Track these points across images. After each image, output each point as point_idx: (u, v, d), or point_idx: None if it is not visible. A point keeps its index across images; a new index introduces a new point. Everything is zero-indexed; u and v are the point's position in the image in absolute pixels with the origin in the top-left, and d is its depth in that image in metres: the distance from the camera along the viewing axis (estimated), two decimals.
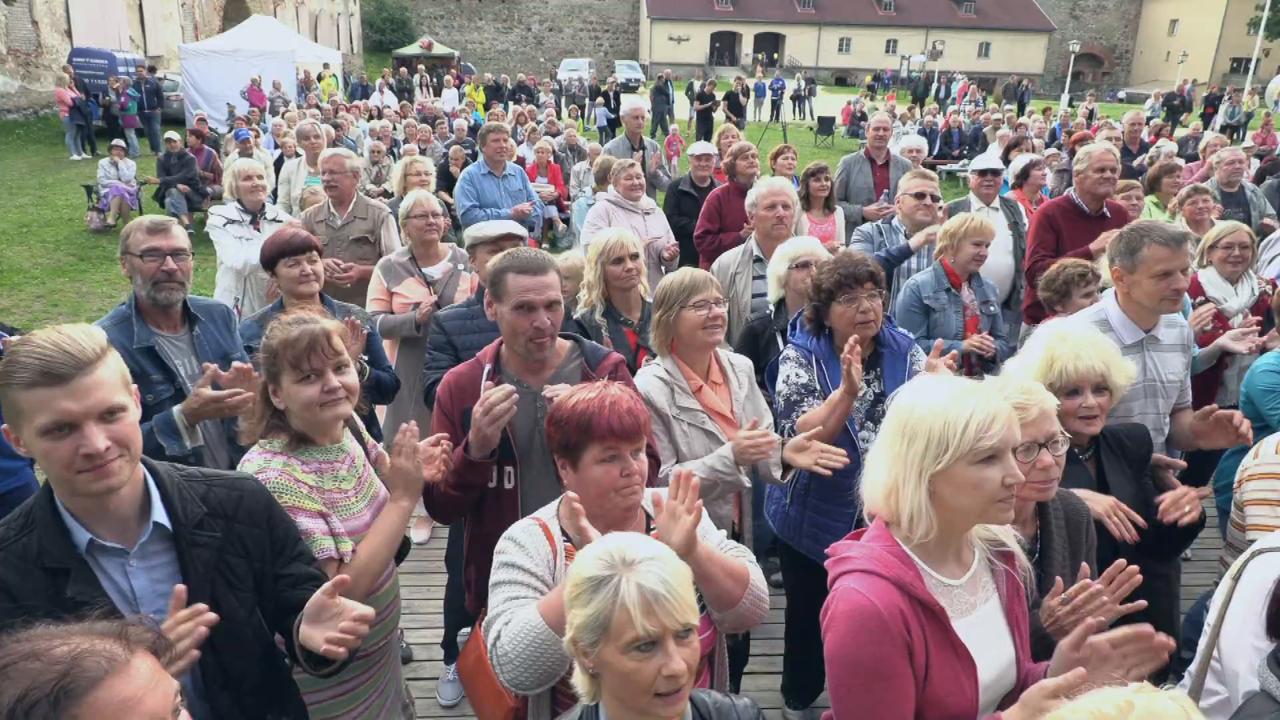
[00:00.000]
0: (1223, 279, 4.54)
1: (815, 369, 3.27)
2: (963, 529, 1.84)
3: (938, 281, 4.48)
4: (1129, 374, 2.75)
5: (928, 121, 21.62)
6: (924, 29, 55.74)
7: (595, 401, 2.09)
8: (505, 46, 57.10)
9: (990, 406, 1.73)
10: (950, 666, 1.75)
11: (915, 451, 1.74)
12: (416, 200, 4.72)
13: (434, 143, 13.66)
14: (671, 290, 3.07)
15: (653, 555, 1.60)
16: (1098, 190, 5.26)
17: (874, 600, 1.72)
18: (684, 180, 7.22)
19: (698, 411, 3.03)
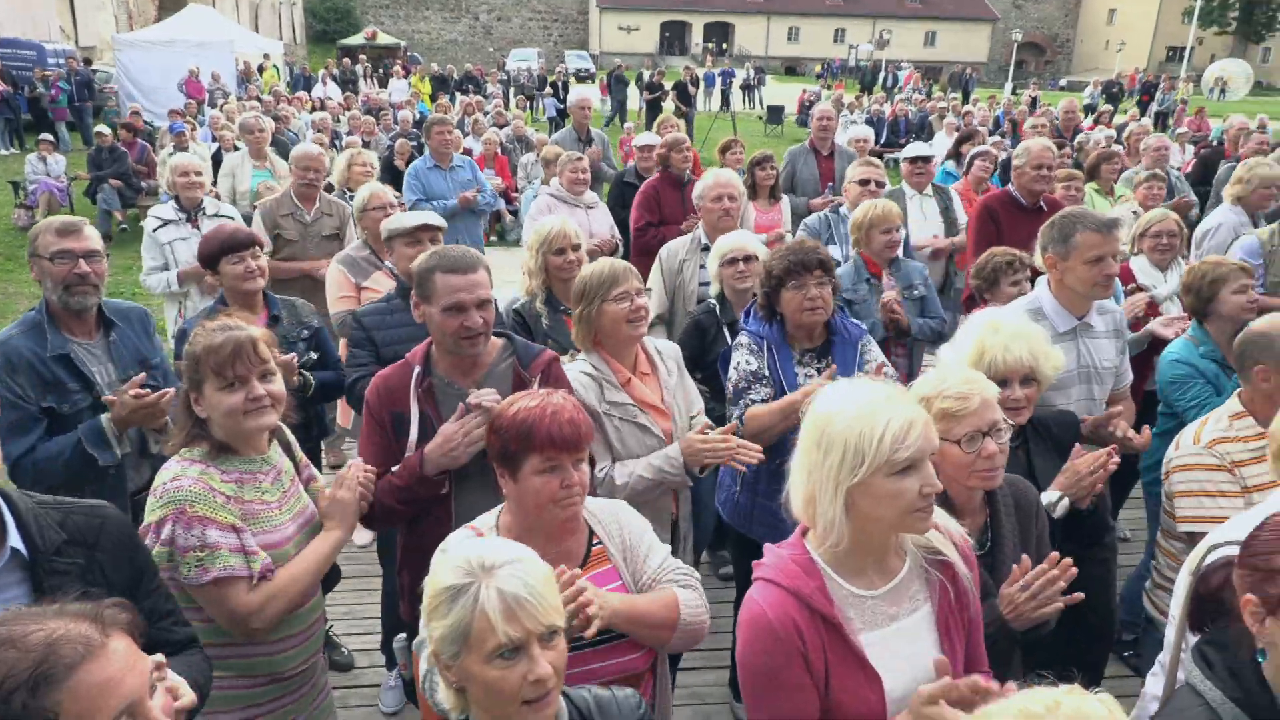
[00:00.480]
0: (1153, 266, 4.62)
1: (766, 355, 3.26)
2: (881, 539, 1.80)
3: (857, 274, 4.47)
4: (1056, 364, 2.77)
5: (875, 110, 21.80)
6: (871, 18, 56.24)
7: (536, 410, 2.03)
8: (453, 36, 56.37)
9: (906, 416, 1.68)
10: (853, 679, 1.72)
11: (831, 464, 1.69)
12: (373, 193, 4.62)
13: (378, 135, 13.44)
14: (591, 284, 2.98)
15: (513, 558, 1.56)
16: (1034, 187, 5.36)
17: (766, 610, 1.71)
18: (629, 171, 7.17)
19: (628, 405, 2.98)
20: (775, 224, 6.19)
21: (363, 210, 4.61)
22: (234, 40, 23.13)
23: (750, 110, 30.94)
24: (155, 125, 16.83)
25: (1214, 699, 1.64)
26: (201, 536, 2.15)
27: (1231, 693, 1.63)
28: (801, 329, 3.27)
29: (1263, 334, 2.85)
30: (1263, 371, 2.76)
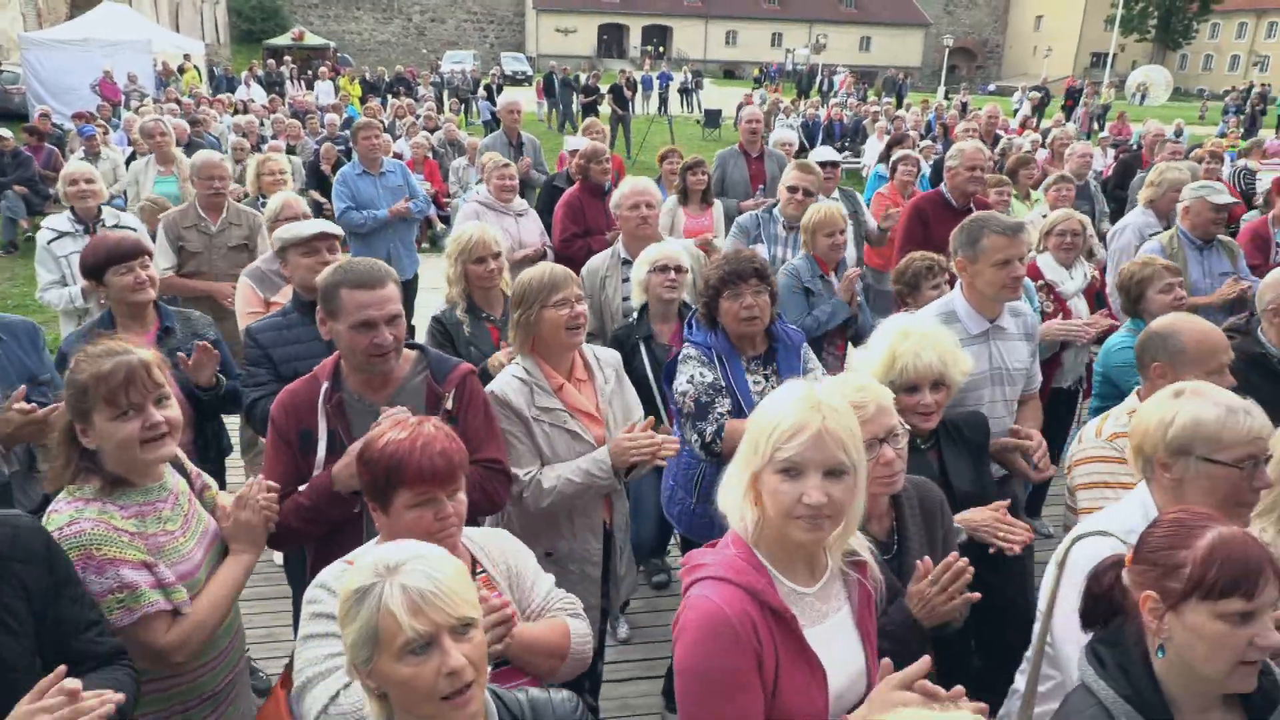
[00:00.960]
0: (1058, 264, 4.77)
1: (718, 366, 3.25)
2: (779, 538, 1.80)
3: (812, 269, 4.59)
4: (965, 369, 2.82)
5: (810, 115, 22.06)
6: (808, 23, 57.05)
7: (406, 443, 1.95)
8: (385, 37, 55.51)
9: (799, 419, 1.66)
10: (801, 676, 1.72)
11: (745, 448, 1.73)
12: (285, 202, 4.45)
13: (304, 139, 13.11)
14: (531, 289, 2.96)
15: (419, 554, 1.53)
16: (967, 188, 5.44)
17: (724, 607, 1.67)
18: (559, 176, 7.08)
19: (559, 411, 2.96)
20: (707, 228, 6.19)
21: (274, 220, 4.44)
22: (151, 40, 22.35)
23: (689, 114, 31.05)
24: (66, 128, 16.19)
25: (1106, 698, 1.67)
26: (117, 578, 2.05)
27: (1123, 691, 1.66)
28: (743, 338, 3.28)
29: (1158, 333, 2.92)
30: (1159, 368, 2.83)
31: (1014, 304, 3.50)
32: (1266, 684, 1.67)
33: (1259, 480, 2.05)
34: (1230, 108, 29.15)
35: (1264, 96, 28.77)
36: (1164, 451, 2.10)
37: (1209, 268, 4.89)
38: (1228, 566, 1.56)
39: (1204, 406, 2.08)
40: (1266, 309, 3.43)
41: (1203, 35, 59.95)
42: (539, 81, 27.87)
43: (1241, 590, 1.55)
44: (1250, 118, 27.00)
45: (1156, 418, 2.13)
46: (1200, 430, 2.05)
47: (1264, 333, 3.44)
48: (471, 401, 2.68)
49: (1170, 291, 3.80)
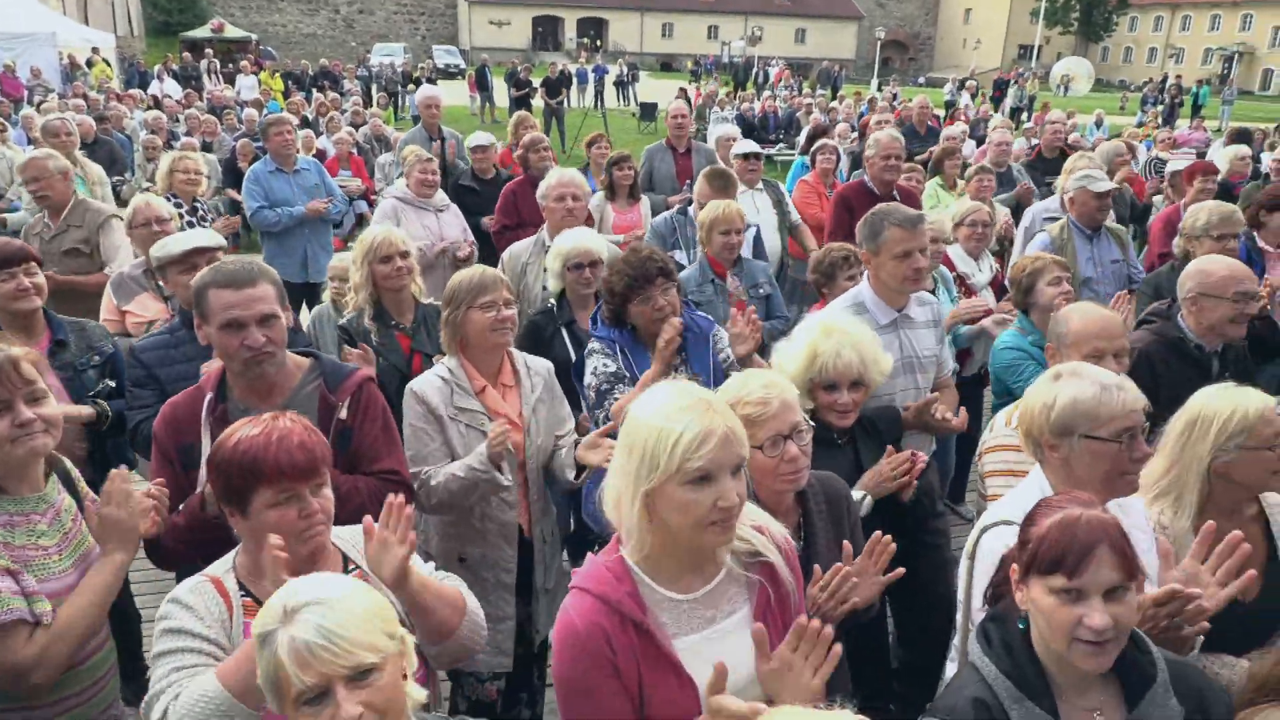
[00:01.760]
0: (968, 255, 4.84)
1: (621, 358, 3.23)
2: (687, 545, 1.75)
3: (702, 274, 4.49)
4: (884, 369, 2.86)
5: (745, 108, 22.13)
6: (744, 15, 57.42)
7: (260, 439, 1.87)
8: (311, 30, 54.34)
9: (703, 425, 1.63)
10: (666, 685, 1.69)
11: (631, 465, 1.66)
12: (136, 207, 4.22)
13: (221, 135, 12.70)
14: (460, 289, 2.97)
15: (317, 600, 1.48)
16: (885, 177, 5.56)
17: (575, 619, 1.69)
18: (464, 174, 6.94)
19: (477, 412, 2.92)
20: (635, 224, 6.15)
21: (131, 226, 4.23)
22: (56, 32, 21.56)
23: (624, 107, 30.98)
24: None
25: (989, 674, 1.72)
26: None
27: (1004, 667, 1.71)
28: (652, 337, 3.22)
29: (1055, 318, 3.08)
30: (1049, 349, 2.96)
31: (921, 294, 3.56)
32: (1144, 663, 1.70)
33: (1137, 451, 2.12)
34: (1147, 98, 30.15)
35: (1180, 87, 29.78)
36: (1049, 433, 2.17)
37: (1098, 255, 4.98)
38: (1053, 544, 1.64)
39: (1081, 386, 2.14)
40: (1185, 297, 3.50)
41: (1122, 28, 62.03)
42: (471, 75, 27.51)
43: (1064, 568, 1.62)
44: (1169, 108, 27.95)
45: (1040, 401, 2.19)
46: (1079, 409, 2.12)
47: (1183, 319, 3.52)
48: (368, 410, 2.58)
49: (1058, 284, 3.85)
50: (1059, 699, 1.69)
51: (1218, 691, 1.78)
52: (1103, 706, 1.69)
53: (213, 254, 3.45)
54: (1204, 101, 29.09)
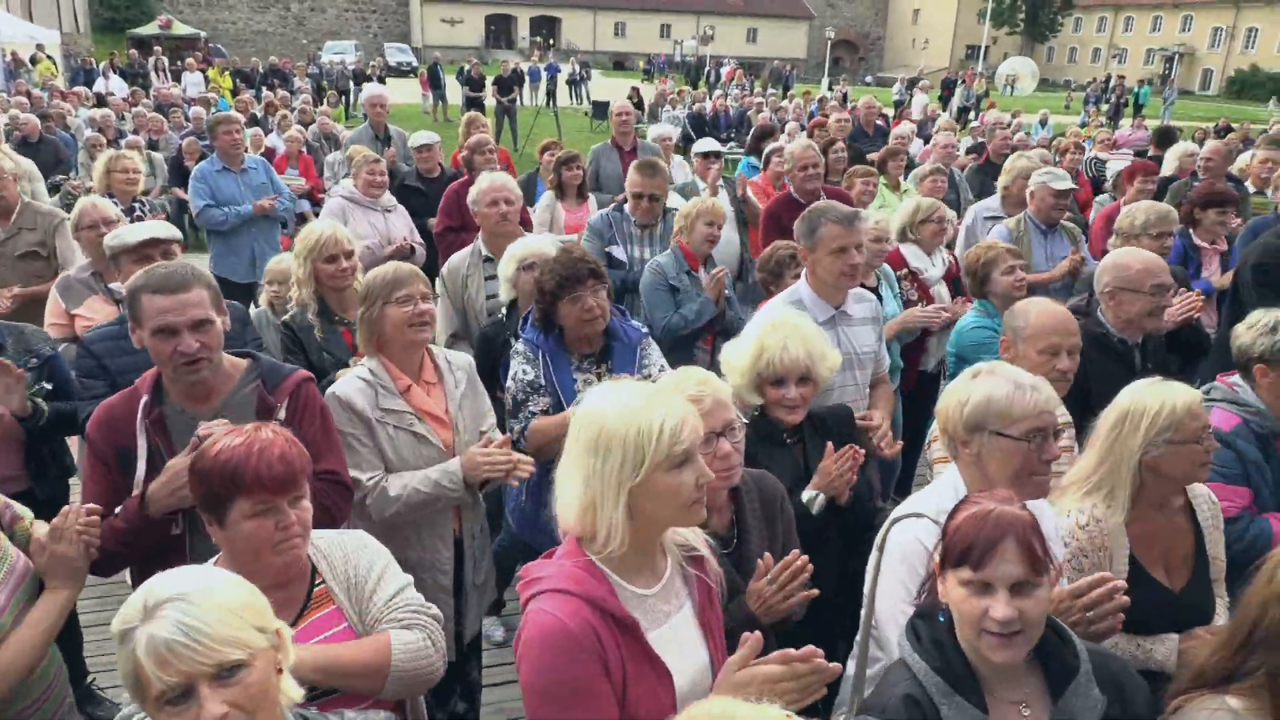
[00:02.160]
0: (923, 252, 4.91)
1: (541, 364, 3.21)
2: (657, 536, 1.81)
3: (678, 264, 4.54)
4: (832, 365, 2.86)
5: (697, 107, 22.24)
6: (696, 14, 57.55)
7: (242, 449, 1.86)
8: (262, 27, 53.31)
9: (679, 409, 1.71)
10: (647, 680, 1.71)
11: (612, 467, 1.66)
12: (83, 209, 4.15)
13: (168, 134, 12.46)
14: (374, 286, 2.91)
15: (179, 595, 1.43)
16: (806, 186, 5.62)
17: (565, 620, 1.65)
18: (409, 174, 6.89)
19: (405, 413, 2.89)
20: (584, 223, 6.13)
21: (78, 228, 4.16)
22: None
23: (577, 105, 30.93)
24: None
25: (919, 670, 1.74)
26: None
27: (934, 663, 1.73)
28: (580, 340, 3.25)
29: (1013, 310, 3.13)
30: (1005, 342, 3.01)
31: (859, 290, 3.62)
32: (1067, 655, 1.75)
33: (1047, 452, 2.14)
34: (1090, 98, 30.87)
35: (1123, 87, 30.54)
36: (962, 429, 2.20)
37: (1051, 251, 5.13)
38: (960, 537, 1.69)
39: (995, 385, 2.17)
40: (1103, 291, 3.57)
41: (1067, 29, 63.35)
42: (423, 73, 27.27)
43: (970, 560, 1.66)
44: (1114, 108, 28.64)
45: (956, 398, 2.22)
46: (991, 407, 2.15)
47: (1103, 313, 3.58)
48: (307, 411, 2.56)
49: (1012, 273, 3.96)
50: (987, 693, 1.72)
51: (1137, 681, 1.83)
52: (1028, 699, 1.73)
53: (168, 246, 3.43)
54: (1145, 101, 29.82)
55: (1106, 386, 2.53)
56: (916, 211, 4.99)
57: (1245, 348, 2.91)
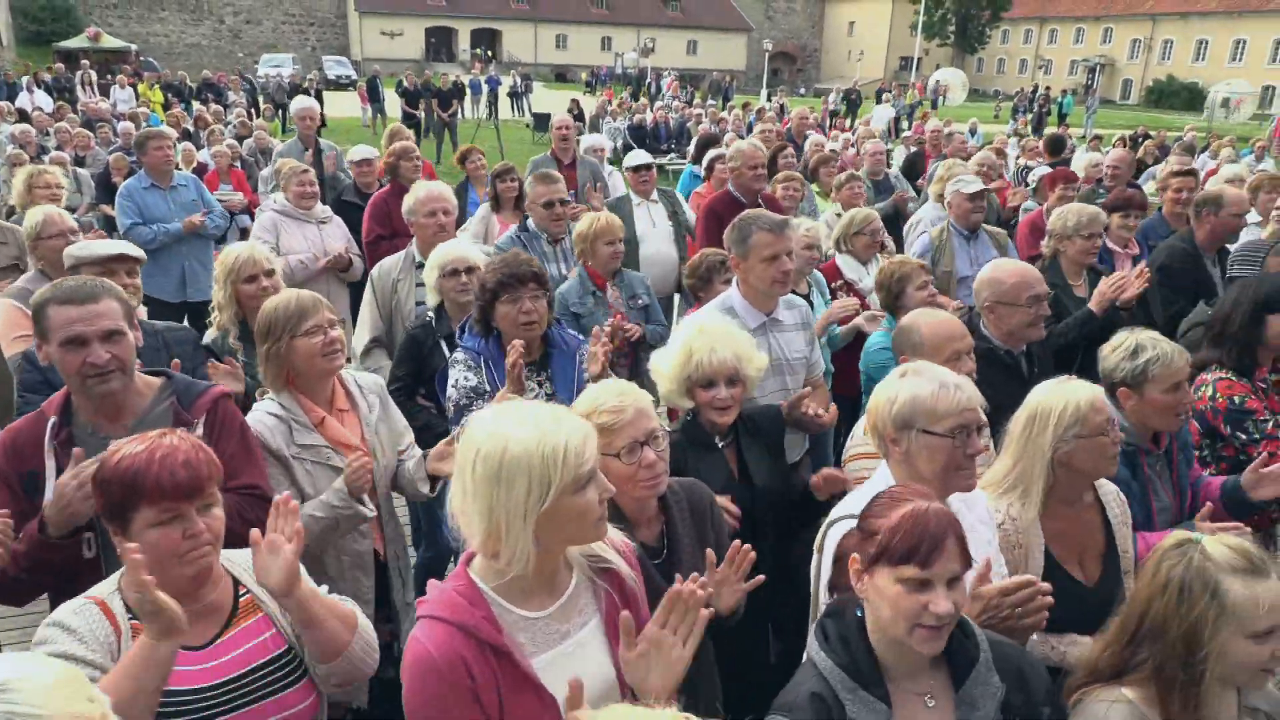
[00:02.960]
0: (859, 262, 4.99)
1: (484, 370, 3.20)
2: (559, 556, 1.79)
3: (583, 286, 4.49)
4: (759, 365, 2.90)
5: (637, 119, 22.39)
6: (636, 27, 57.93)
7: (144, 456, 1.82)
8: (195, 40, 52.26)
9: (579, 428, 1.69)
10: (528, 706, 1.68)
11: (517, 495, 1.63)
12: (47, 217, 4.04)
13: (95, 149, 12.13)
14: (277, 320, 2.78)
15: (2, 686, 1.26)
16: (752, 186, 5.64)
17: (431, 649, 1.64)
18: (347, 189, 6.83)
19: (321, 447, 2.81)
20: None
21: (35, 238, 4.06)
22: None
23: (519, 118, 30.90)
24: None
25: (825, 667, 1.76)
26: None
27: (840, 660, 1.76)
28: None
29: (903, 328, 3.13)
30: (905, 360, 2.94)
31: (789, 297, 3.66)
32: (969, 646, 1.80)
33: (971, 447, 2.20)
34: (1018, 107, 31.79)
35: (1048, 97, 31.53)
36: (891, 427, 2.25)
37: (977, 256, 5.24)
38: (908, 536, 1.69)
39: (921, 384, 2.23)
40: (984, 306, 3.60)
41: (995, 41, 65.14)
42: (361, 86, 26.99)
43: (917, 559, 1.68)
44: (1038, 117, 29.53)
45: (884, 397, 2.28)
46: (918, 405, 2.20)
47: (985, 326, 3.61)
48: (225, 427, 2.53)
49: (925, 289, 4.00)
50: (892, 686, 1.75)
51: (1037, 667, 1.89)
52: (932, 689, 1.77)
53: (133, 264, 3.41)
54: (1069, 110, 30.81)
55: (999, 396, 2.58)
56: (851, 224, 5.07)
57: (1109, 371, 2.94)
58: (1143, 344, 2.87)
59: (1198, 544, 1.86)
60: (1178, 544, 1.89)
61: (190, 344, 3.46)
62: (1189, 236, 5.09)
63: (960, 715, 1.74)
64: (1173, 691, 1.82)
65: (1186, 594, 1.80)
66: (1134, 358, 2.85)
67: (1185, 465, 3.09)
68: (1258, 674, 1.83)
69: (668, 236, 6.00)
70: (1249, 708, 1.96)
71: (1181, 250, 5.00)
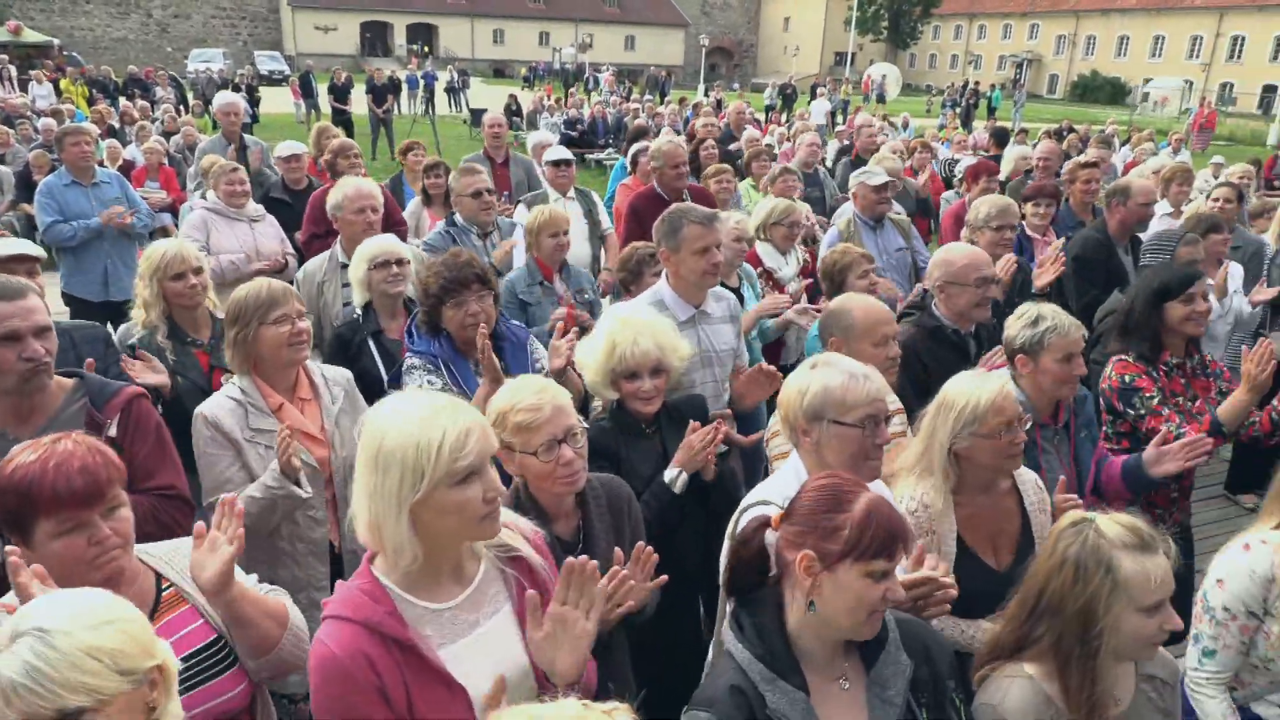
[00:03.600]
0: (778, 251, 5.11)
1: (445, 372, 3.20)
2: (453, 549, 1.78)
3: (531, 276, 4.52)
4: (683, 355, 2.95)
5: (574, 114, 22.37)
6: (574, 22, 57.71)
7: (37, 465, 1.76)
8: (122, 34, 50.64)
9: (461, 423, 1.66)
10: (437, 698, 1.69)
11: (391, 484, 1.63)
12: None
13: (14, 146, 11.76)
14: (247, 306, 2.83)
15: (41, 628, 1.38)
16: (675, 184, 5.74)
17: (335, 650, 1.63)
18: (274, 185, 6.71)
19: (275, 432, 2.79)
20: None
21: None
22: None
23: (456, 113, 30.60)
24: None
25: (743, 659, 1.76)
26: None
27: (756, 650, 1.76)
28: (469, 343, 3.23)
29: (833, 311, 3.20)
30: (835, 343, 3.08)
31: (717, 289, 3.71)
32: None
33: (879, 437, 2.25)
34: (948, 102, 32.52)
35: (977, 92, 32.29)
36: (802, 418, 2.29)
37: (883, 245, 5.41)
38: (880, 530, 1.69)
39: (831, 375, 2.27)
40: (935, 286, 3.76)
41: (927, 36, 66.50)
42: (293, 81, 26.45)
43: (888, 552, 1.70)
44: (966, 111, 30.23)
45: (795, 388, 2.31)
46: (829, 396, 2.24)
47: (936, 306, 3.77)
48: (139, 427, 2.52)
49: (866, 277, 4.13)
50: (809, 672, 1.76)
51: (941, 643, 1.93)
52: (846, 671, 1.80)
53: (32, 264, 3.35)
54: (998, 104, 31.59)
55: (946, 375, 2.67)
56: (770, 214, 5.19)
57: (1010, 339, 3.06)
58: (1043, 314, 3.02)
59: (1092, 522, 1.92)
60: (1074, 523, 1.96)
61: (101, 342, 3.41)
62: (1101, 226, 5.30)
63: (872, 694, 1.77)
64: (1070, 665, 1.88)
65: (1082, 571, 1.86)
66: (1034, 326, 2.99)
67: (1088, 443, 3.23)
68: (1147, 646, 1.91)
69: (583, 235, 5.99)
70: (1146, 675, 2.05)
71: (1095, 240, 5.21)
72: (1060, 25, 61.18)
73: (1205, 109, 25.23)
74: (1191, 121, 24.87)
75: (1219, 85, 49.04)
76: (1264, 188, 11.70)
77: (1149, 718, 2.04)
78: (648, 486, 2.76)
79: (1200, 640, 2.45)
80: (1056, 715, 1.90)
